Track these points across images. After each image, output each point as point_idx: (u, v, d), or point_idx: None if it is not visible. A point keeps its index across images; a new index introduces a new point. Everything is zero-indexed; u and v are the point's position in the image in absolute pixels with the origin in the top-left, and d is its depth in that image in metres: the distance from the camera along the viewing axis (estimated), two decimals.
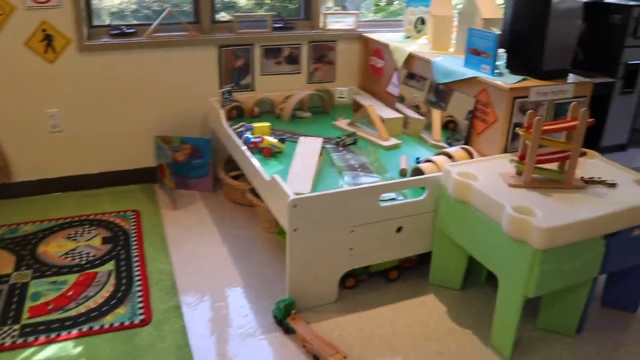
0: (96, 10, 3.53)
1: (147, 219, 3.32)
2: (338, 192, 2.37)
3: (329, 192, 2.35)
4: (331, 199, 2.36)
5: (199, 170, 3.64)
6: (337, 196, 2.36)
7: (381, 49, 3.68)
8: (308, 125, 3.49)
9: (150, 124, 3.65)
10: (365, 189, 2.41)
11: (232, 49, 3.62)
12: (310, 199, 2.32)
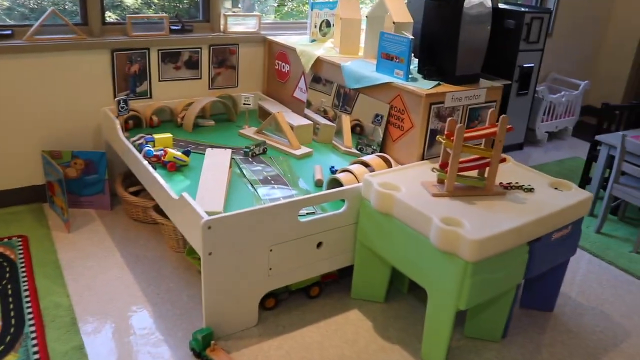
0: None
1: (37, 244, 2.98)
2: (255, 210, 2.19)
3: (246, 211, 2.17)
4: (248, 217, 2.18)
5: (94, 187, 3.32)
6: (255, 214, 2.19)
7: (286, 52, 3.53)
8: (212, 134, 3.28)
9: (36, 138, 3.28)
10: (283, 204, 2.26)
11: (126, 54, 3.33)
12: (226, 220, 2.13)
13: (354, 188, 2.43)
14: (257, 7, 6.50)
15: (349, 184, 2.51)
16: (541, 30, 4.47)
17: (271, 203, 2.25)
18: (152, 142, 2.91)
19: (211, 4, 3.57)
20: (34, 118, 3.24)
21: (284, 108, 3.46)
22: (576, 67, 5.74)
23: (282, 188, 2.62)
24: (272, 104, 3.51)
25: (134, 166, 2.89)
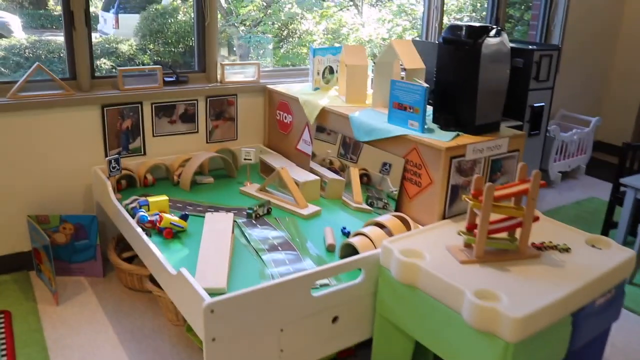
0: None
1: (20, 320, 2.71)
2: (264, 287, 1.94)
3: (253, 290, 1.92)
4: (256, 296, 1.93)
5: (85, 253, 3.07)
6: (263, 292, 1.94)
7: (288, 102, 3.32)
8: (211, 192, 3.04)
9: (21, 202, 3.04)
10: (295, 279, 2.01)
11: (117, 109, 3.12)
12: (231, 301, 1.88)
13: (371, 256, 2.19)
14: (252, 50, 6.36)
15: (365, 249, 2.27)
16: (550, 68, 4.29)
17: (281, 278, 2.00)
18: (147, 205, 2.67)
19: (207, 53, 3.38)
20: (19, 180, 3.01)
21: (287, 162, 3.23)
22: (584, 103, 5.57)
23: (290, 256, 2.38)
24: (275, 158, 3.29)
25: (127, 232, 2.65)
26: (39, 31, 5.80)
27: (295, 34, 6.93)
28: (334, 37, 6.77)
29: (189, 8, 6.08)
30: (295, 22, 6.86)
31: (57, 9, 6.15)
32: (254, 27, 6.56)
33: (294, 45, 6.85)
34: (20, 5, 5.91)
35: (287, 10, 6.77)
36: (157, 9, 6.07)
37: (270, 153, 3.41)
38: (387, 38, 6.82)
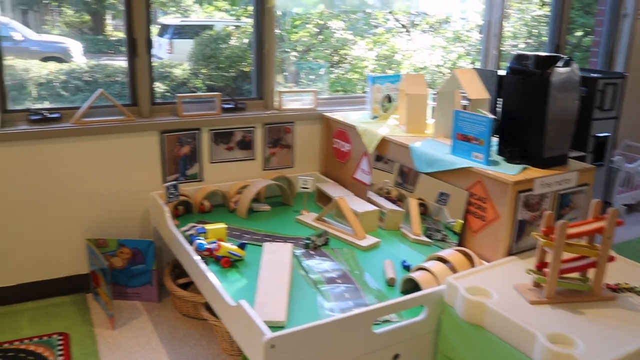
0: (20, 82, 3.00)
1: (78, 344, 2.73)
2: (326, 323, 1.89)
3: (315, 325, 1.87)
4: (317, 332, 1.87)
5: (141, 278, 3.08)
6: (325, 328, 1.89)
7: (346, 130, 3.29)
8: (268, 221, 3.02)
9: (81, 225, 3.08)
10: (357, 315, 1.95)
11: (176, 135, 3.14)
12: (292, 336, 1.83)
13: (435, 292, 2.11)
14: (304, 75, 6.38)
15: (428, 285, 2.19)
16: (615, 97, 4.14)
17: (343, 314, 1.95)
18: (205, 233, 2.66)
19: (265, 80, 3.38)
20: (79, 204, 3.06)
21: (344, 191, 3.19)
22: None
23: (349, 289, 2.32)
24: (332, 187, 3.25)
25: (184, 259, 2.64)
26: (96, 55, 5.98)
27: (346, 59, 6.93)
28: (388, 63, 6.74)
29: (242, 34, 6.17)
30: (346, 48, 6.87)
31: (114, 35, 6.34)
32: (304, 53, 6.60)
33: (346, 71, 6.85)
34: (80, 31, 6.09)
35: (339, 36, 6.78)
36: (211, 35, 6.18)
37: (327, 181, 3.37)
38: (441, 65, 6.75)
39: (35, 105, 4.01)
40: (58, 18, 6.01)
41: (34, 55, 5.31)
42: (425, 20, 7.01)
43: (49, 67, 4.92)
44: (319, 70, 6.49)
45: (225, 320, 2.21)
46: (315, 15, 6.44)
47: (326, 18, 6.48)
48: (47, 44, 5.75)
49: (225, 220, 2.88)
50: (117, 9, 6.01)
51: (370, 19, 6.79)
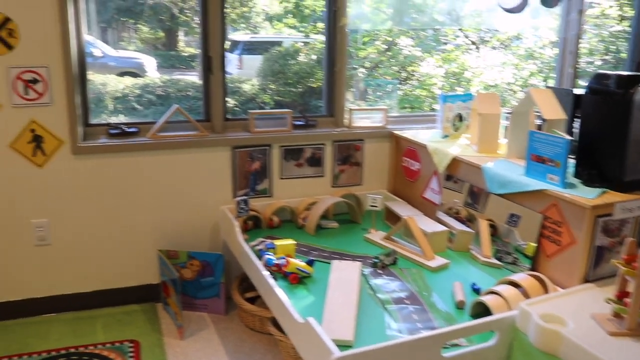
0: (98, 96, 3.13)
1: (148, 351, 2.80)
2: (394, 344, 1.87)
3: (383, 346, 1.86)
4: (385, 353, 1.86)
5: (209, 290, 3.14)
6: (393, 349, 1.87)
7: (416, 149, 3.27)
8: (336, 238, 3.02)
9: (153, 236, 3.18)
10: (426, 338, 1.92)
11: (247, 150, 3.20)
12: (360, 357, 1.83)
13: (506, 318, 2.06)
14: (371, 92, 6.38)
15: (499, 310, 2.14)
16: None
17: (412, 336, 1.93)
18: (274, 248, 2.68)
19: (336, 98, 3.40)
20: (153, 215, 3.15)
21: (413, 210, 3.16)
22: None
23: (417, 310, 2.29)
24: (401, 206, 3.22)
25: (252, 273, 2.67)
26: (169, 71, 6.16)
27: (414, 76, 6.89)
28: (457, 80, 6.66)
29: (310, 50, 6.23)
30: (414, 65, 6.83)
31: (185, 50, 6.53)
32: (372, 70, 6.60)
33: (413, 87, 6.81)
34: (154, 47, 6.30)
35: (407, 53, 6.75)
36: (279, 51, 6.26)
37: (396, 200, 3.35)
38: (512, 82, 6.61)
39: (111, 118, 4.18)
40: (134, 35, 6.24)
41: (112, 70, 5.52)
42: (496, 37, 6.89)
43: (125, 82, 5.12)
44: (387, 87, 6.48)
45: (292, 336, 2.22)
46: (384, 32, 6.45)
47: (394, 35, 6.47)
48: (124, 59, 5.97)
49: (293, 236, 2.91)
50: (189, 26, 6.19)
51: (439, 36, 6.74)
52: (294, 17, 6.47)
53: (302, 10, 6.44)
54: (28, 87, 2.82)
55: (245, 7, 6.44)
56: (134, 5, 5.59)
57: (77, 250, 3.10)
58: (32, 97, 2.83)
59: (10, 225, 2.97)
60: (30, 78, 2.81)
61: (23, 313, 3.09)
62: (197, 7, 3.13)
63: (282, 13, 6.53)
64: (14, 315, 3.08)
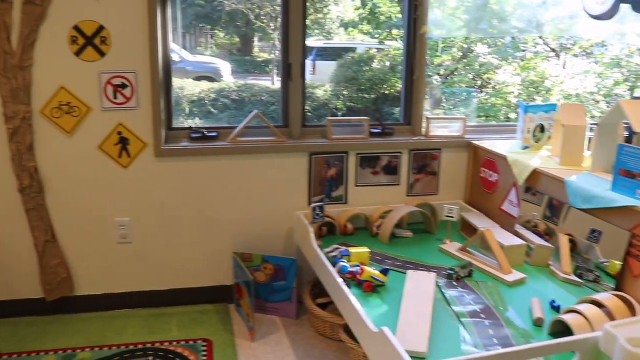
0: (176, 100, 3.22)
1: (220, 351, 2.86)
2: (470, 359, 1.84)
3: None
4: None
5: (282, 294, 3.18)
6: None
7: (494, 160, 3.20)
8: (410, 247, 3.00)
9: (228, 238, 3.25)
10: (504, 354, 1.87)
11: (324, 157, 3.22)
12: None
13: (589, 338, 1.97)
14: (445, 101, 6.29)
15: (581, 330, 2.06)
16: None
17: (489, 352, 1.88)
18: (348, 256, 2.69)
19: (413, 106, 3.38)
20: (229, 218, 3.23)
21: (489, 222, 3.09)
22: None
23: (493, 325, 2.24)
24: (477, 217, 3.16)
25: (325, 279, 2.68)
26: (243, 75, 6.27)
27: (489, 84, 6.75)
28: (535, 89, 6.48)
29: (384, 57, 6.20)
30: (490, 72, 6.69)
31: (260, 56, 6.63)
32: (447, 78, 6.51)
33: (489, 96, 6.68)
34: (229, 52, 6.43)
35: (483, 60, 6.62)
36: (353, 57, 6.27)
37: (472, 211, 3.29)
38: (595, 92, 6.37)
39: (187, 121, 4.30)
40: (210, 40, 6.39)
41: (189, 74, 5.67)
42: (578, 44, 6.66)
43: (201, 86, 5.25)
44: (462, 95, 6.38)
45: (365, 345, 2.21)
46: (460, 39, 6.35)
47: (471, 42, 6.37)
48: (200, 64, 6.11)
49: (367, 244, 2.90)
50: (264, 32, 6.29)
51: (518, 43, 6.58)
52: (368, 23, 6.47)
53: (378, 17, 6.43)
54: (117, 91, 2.94)
55: (320, 13, 6.48)
56: (212, 11, 5.73)
57: (156, 249, 3.20)
58: (120, 101, 2.95)
59: (96, 223, 3.11)
60: (119, 83, 2.93)
61: (102, 307, 3.23)
62: (273, 13, 3.19)
63: (357, 20, 6.54)
64: (94, 308, 3.22)
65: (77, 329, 3.05)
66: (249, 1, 5.24)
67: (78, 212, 3.08)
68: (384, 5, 6.26)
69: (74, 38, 2.85)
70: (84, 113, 2.95)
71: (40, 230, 3.05)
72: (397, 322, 2.21)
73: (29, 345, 2.90)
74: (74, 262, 3.16)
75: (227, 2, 5.31)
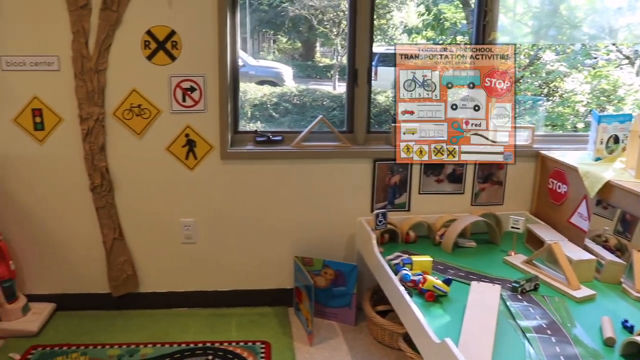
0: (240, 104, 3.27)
1: (278, 354, 2.88)
2: None
3: None
4: None
5: (341, 300, 3.17)
6: None
7: (564, 171, 3.10)
8: (473, 258, 2.94)
9: (290, 242, 3.27)
10: None
11: (388, 164, 3.20)
12: None
13: None
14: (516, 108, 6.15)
15: None
16: None
17: None
18: (410, 264, 2.66)
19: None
20: (292, 222, 3.26)
21: (557, 235, 3.00)
22: None
23: (560, 342, 2.16)
24: (544, 230, 3.07)
25: (387, 286, 2.66)
26: (305, 80, 6.31)
27: (557, 92, 6.56)
28: (607, 98, 6.26)
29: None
30: (557, 80, 6.51)
31: (322, 61, 6.66)
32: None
33: (556, 104, 6.50)
34: (292, 57, 6.48)
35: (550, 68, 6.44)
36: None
37: (539, 223, 3.20)
38: None
39: (249, 125, 4.36)
40: (273, 45, 6.44)
41: (252, 79, 5.74)
42: None
43: (264, 90, 5.31)
44: (527, 103, 6.23)
45: (426, 355, 2.18)
46: (526, 46, 6.21)
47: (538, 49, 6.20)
48: (263, 68, 6.18)
49: (429, 253, 2.87)
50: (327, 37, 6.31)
51: (589, 50, 6.37)
52: (432, 29, 6.40)
53: (442, 23, 6.35)
54: (186, 94, 3.00)
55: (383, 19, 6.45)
56: (275, 17, 5.78)
57: (219, 250, 3.26)
58: (188, 104, 3.02)
59: (163, 223, 3.19)
60: (188, 86, 3.00)
61: (166, 304, 3.31)
62: (336, 19, 3.19)
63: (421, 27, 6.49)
64: (158, 306, 3.31)
65: (141, 325, 3.13)
66: (312, 7, 5.27)
67: (145, 211, 3.17)
68: (449, 11, 6.18)
69: (147, 42, 2.93)
70: (153, 115, 3.03)
71: (109, 228, 3.15)
72: (460, 334, 2.17)
73: (95, 337, 3.00)
74: (139, 260, 3.25)
75: (290, 8, 5.35)
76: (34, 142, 3.02)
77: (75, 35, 2.86)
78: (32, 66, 2.91)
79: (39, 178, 3.08)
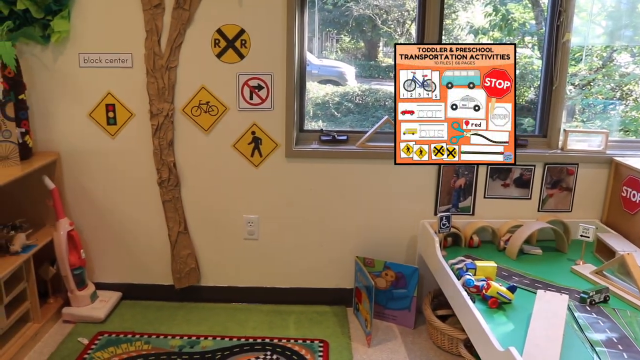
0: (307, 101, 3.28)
1: (336, 353, 2.88)
2: None
3: None
4: None
5: (401, 302, 3.14)
6: None
7: (639, 178, 2.98)
8: (539, 265, 2.86)
9: (351, 242, 3.27)
10: None
11: (453, 167, 3.15)
12: None
13: None
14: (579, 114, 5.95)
15: None
16: None
17: None
18: (474, 269, 2.61)
19: (550, 118, 3.22)
20: (354, 221, 3.25)
21: (630, 245, 2.88)
22: None
23: (633, 358, 2.07)
24: (616, 239, 2.96)
25: (449, 292, 2.62)
26: (367, 80, 6.27)
27: (631, 96, 6.30)
28: None
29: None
30: (632, 83, 6.25)
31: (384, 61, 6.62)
32: (583, 88, 6.15)
33: (630, 108, 6.24)
34: (354, 57, 6.46)
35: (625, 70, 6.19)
36: None
37: (610, 232, 3.08)
38: None
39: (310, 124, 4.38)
40: (336, 44, 6.44)
41: (314, 78, 5.75)
42: None
43: (326, 89, 5.31)
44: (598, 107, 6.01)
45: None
46: (598, 47, 5.99)
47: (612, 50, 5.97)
48: (326, 68, 6.17)
49: (493, 258, 2.81)
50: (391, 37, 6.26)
51: None
52: (500, 30, 6.26)
53: (510, 23, 6.21)
54: (253, 92, 3.04)
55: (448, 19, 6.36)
56: (339, 16, 5.78)
57: (280, 247, 3.28)
58: (255, 102, 3.05)
59: (227, 218, 3.24)
60: (255, 84, 3.03)
61: (226, 299, 3.37)
62: (401, 19, 3.15)
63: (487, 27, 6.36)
64: (219, 300, 3.37)
65: (202, 318, 3.19)
66: (376, 7, 5.24)
67: (209, 206, 3.23)
68: (517, 11, 6.04)
69: (217, 41, 2.98)
70: (221, 112, 3.08)
71: (175, 221, 3.22)
72: (525, 343, 2.11)
73: (158, 327, 3.08)
74: (202, 254, 3.31)
75: (355, 8, 5.34)
76: (106, 136, 3.13)
77: (149, 33, 2.94)
78: (107, 63, 3.01)
79: (110, 171, 3.19)
